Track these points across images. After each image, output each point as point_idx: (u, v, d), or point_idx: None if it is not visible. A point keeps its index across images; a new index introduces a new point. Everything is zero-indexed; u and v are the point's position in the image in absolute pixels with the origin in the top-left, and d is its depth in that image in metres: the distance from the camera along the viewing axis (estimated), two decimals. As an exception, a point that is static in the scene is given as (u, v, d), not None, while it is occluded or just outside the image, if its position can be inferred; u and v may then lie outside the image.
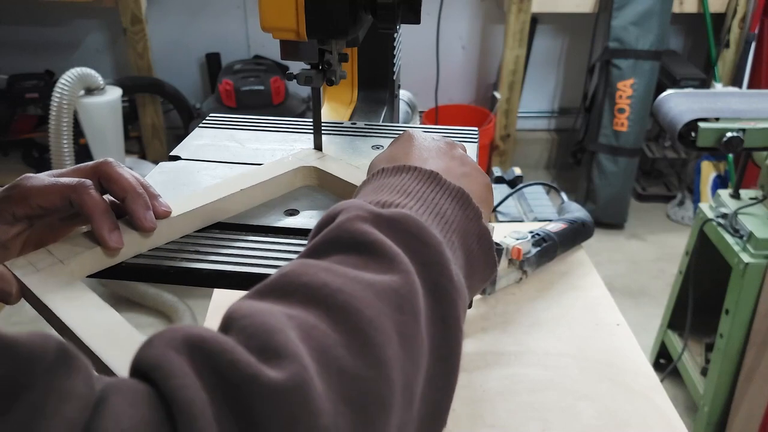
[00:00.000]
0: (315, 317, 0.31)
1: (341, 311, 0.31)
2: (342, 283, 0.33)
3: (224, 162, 0.76)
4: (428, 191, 0.44)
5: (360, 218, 0.38)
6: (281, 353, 0.28)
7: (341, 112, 0.94)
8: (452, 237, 0.42)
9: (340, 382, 0.29)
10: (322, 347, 0.30)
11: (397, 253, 0.36)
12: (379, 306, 0.33)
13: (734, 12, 2.71)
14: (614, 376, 0.85)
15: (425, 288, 0.36)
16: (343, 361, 0.30)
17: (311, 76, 0.66)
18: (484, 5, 3.00)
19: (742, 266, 1.53)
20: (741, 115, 1.46)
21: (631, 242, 2.79)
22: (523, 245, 0.99)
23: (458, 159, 0.51)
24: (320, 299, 0.32)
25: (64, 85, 2.14)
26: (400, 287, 0.34)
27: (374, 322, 0.32)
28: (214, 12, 2.91)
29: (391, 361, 0.31)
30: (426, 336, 0.35)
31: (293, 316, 0.31)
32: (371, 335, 0.31)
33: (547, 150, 3.29)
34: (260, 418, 0.26)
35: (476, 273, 0.45)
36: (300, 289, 0.32)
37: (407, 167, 0.46)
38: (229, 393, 0.26)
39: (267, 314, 0.30)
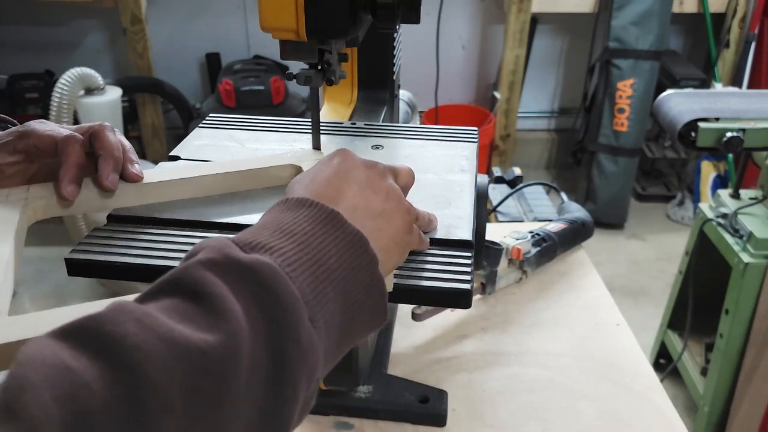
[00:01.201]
0: (96, 374, 0.30)
1: (126, 371, 0.31)
2: (143, 340, 0.32)
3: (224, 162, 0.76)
4: (318, 234, 0.42)
5: (210, 263, 0.37)
6: (18, 416, 0.27)
7: (341, 112, 0.94)
8: (327, 287, 0.40)
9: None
10: (82, 412, 0.29)
11: (228, 310, 0.35)
12: (174, 368, 0.32)
13: (734, 12, 2.71)
14: (614, 376, 0.85)
15: (264, 349, 0.35)
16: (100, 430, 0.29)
17: (311, 76, 0.66)
18: (484, 5, 3.00)
19: (742, 266, 1.53)
20: (741, 115, 1.46)
21: (631, 242, 2.79)
22: (523, 245, 0.99)
23: (382, 193, 0.50)
24: (111, 354, 0.31)
25: (64, 85, 2.14)
26: (212, 350, 0.33)
27: (158, 390, 0.31)
28: (214, 12, 2.92)
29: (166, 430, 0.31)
30: (243, 398, 0.34)
31: (71, 370, 0.30)
32: (147, 405, 0.30)
33: (547, 150, 3.29)
34: None
35: (359, 323, 0.44)
36: (98, 339, 0.31)
37: (308, 202, 0.44)
38: None
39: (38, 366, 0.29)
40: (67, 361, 0.30)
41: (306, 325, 0.38)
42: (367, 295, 0.43)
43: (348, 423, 0.78)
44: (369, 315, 0.44)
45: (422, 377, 0.83)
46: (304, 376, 0.37)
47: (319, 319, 0.39)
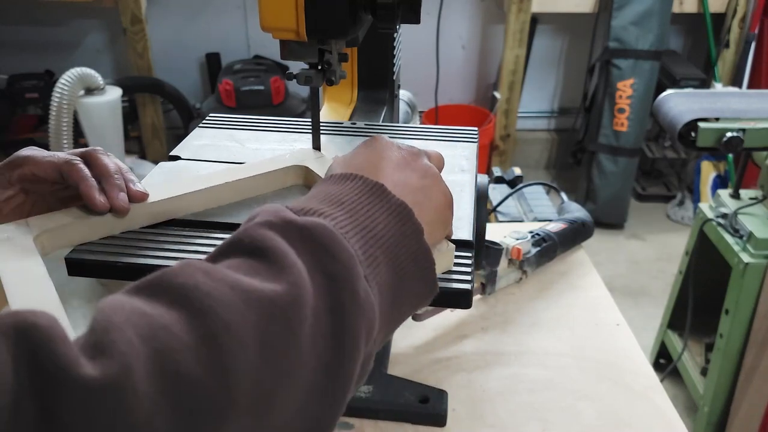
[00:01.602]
0: (173, 318, 0.31)
1: (201, 315, 0.31)
2: (214, 287, 0.33)
3: (224, 162, 0.76)
4: (365, 203, 0.43)
5: (268, 224, 0.38)
6: (107, 351, 0.28)
7: (341, 112, 0.94)
8: (376, 252, 0.41)
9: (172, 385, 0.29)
10: (164, 349, 0.30)
11: (292, 263, 0.36)
12: (245, 312, 0.33)
13: (734, 12, 2.71)
14: (614, 376, 0.85)
15: (324, 302, 0.36)
16: (183, 365, 0.30)
17: (311, 76, 0.66)
18: (484, 5, 3.00)
19: (742, 266, 1.53)
20: (741, 115, 1.46)
21: (631, 242, 2.79)
22: (523, 245, 0.99)
23: (420, 171, 0.51)
24: (185, 301, 0.32)
25: (64, 85, 2.14)
26: (279, 297, 0.34)
27: (232, 329, 0.32)
28: (214, 12, 2.91)
29: (241, 371, 0.31)
30: (309, 349, 0.35)
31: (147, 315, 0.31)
32: (224, 342, 0.31)
33: (547, 150, 3.29)
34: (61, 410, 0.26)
35: (409, 291, 0.44)
36: (170, 290, 0.33)
37: (353, 176, 0.46)
38: (38, 382, 0.26)
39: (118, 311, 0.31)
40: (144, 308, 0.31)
41: (362, 281, 0.39)
42: (414, 263, 0.44)
43: (348, 423, 0.78)
44: (418, 283, 0.45)
45: (422, 377, 0.83)
46: (364, 330, 0.38)
47: (371, 279, 0.40)
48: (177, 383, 0.29)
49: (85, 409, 0.27)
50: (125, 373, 0.28)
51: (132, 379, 0.28)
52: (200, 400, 0.30)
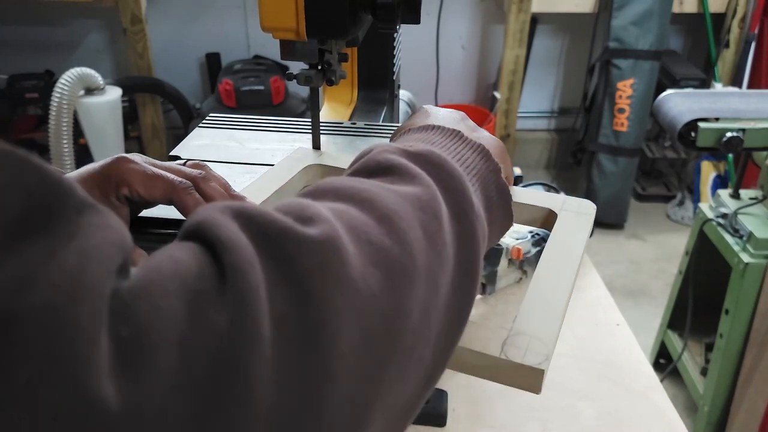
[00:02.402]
0: (346, 207, 0.34)
1: (368, 203, 0.35)
2: (367, 186, 0.36)
3: (224, 162, 0.76)
4: (451, 144, 0.47)
5: (387, 151, 0.42)
6: (314, 218, 0.31)
7: (341, 112, 0.94)
8: (474, 180, 0.45)
9: (370, 250, 0.32)
10: (352, 223, 0.33)
11: (419, 173, 0.39)
12: (402, 203, 0.36)
13: (734, 12, 2.71)
14: (614, 376, 0.85)
15: (450, 209, 0.39)
16: (372, 235, 0.33)
17: (311, 76, 0.66)
18: (484, 5, 3.00)
19: (742, 266, 1.53)
20: (741, 115, 1.46)
21: (631, 242, 2.80)
22: (523, 245, 0.99)
23: (471, 128, 0.54)
24: (348, 196, 0.35)
25: (64, 85, 2.14)
26: (421, 195, 0.37)
27: (399, 212, 0.35)
28: (214, 12, 2.92)
29: (415, 244, 0.34)
30: (450, 244, 0.38)
31: (327, 205, 0.34)
32: (396, 221, 0.34)
33: (547, 150, 3.29)
34: (297, 264, 0.29)
35: (495, 220, 0.47)
36: (330, 192, 0.36)
37: (431, 126, 0.50)
38: (269, 243, 0.29)
39: (299, 198, 0.34)
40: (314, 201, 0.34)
41: (474, 196, 0.42)
42: (498, 195, 0.47)
43: (348, 423, 0.78)
44: (502, 214, 0.48)
45: (422, 377, 0.83)
46: (481, 238, 0.41)
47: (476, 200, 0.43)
48: (373, 250, 0.32)
49: (318, 259, 0.29)
50: (337, 234, 0.31)
51: (342, 240, 0.31)
52: (394, 264, 0.33)
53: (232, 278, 0.26)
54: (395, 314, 0.32)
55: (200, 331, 0.25)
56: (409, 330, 0.33)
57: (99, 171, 0.53)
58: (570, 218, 0.56)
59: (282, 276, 0.28)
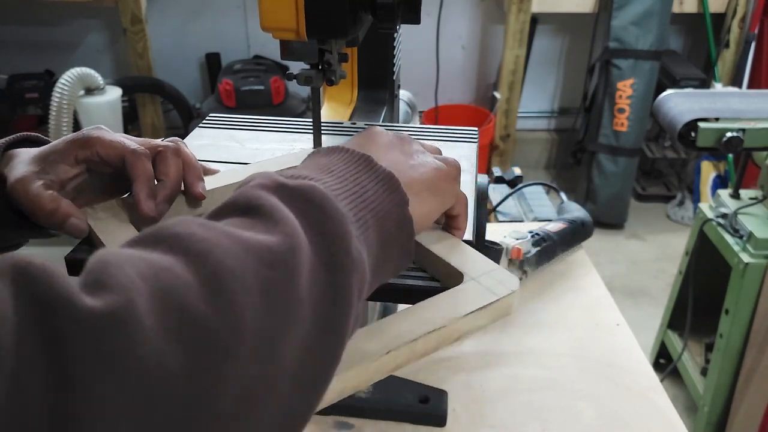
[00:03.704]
0: (172, 261, 0.31)
1: (201, 257, 0.31)
2: (211, 236, 0.33)
3: (224, 162, 0.76)
4: (353, 171, 0.45)
5: (261, 186, 0.39)
6: (107, 286, 0.28)
7: (341, 112, 0.94)
8: (366, 215, 0.42)
9: (179, 321, 0.29)
10: (167, 287, 0.29)
11: (285, 217, 0.36)
12: (244, 258, 0.32)
13: (734, 12, 2.71)
14: (614, 376, 0.85)
15: (319, 257, 0.37)
16: (187, 303, 0.29)
17: (311, 76, 0.66)
18: (484, 5, 3.00)
19: (742, 266, 1.53)
20: (741, 115, 1.46)
21: (631, 242, 2.79)
22: (523, 245, 0.99)
23: (408, 152, 0.52)
24: (183, 247, 0.32)
25: (64, 85, 2.14)
26: (276, 246, 0.34)
27: (234, 272, 0.31)
28: (214, 12, 2.92)
29: (245, 312, 0.31)
30: (307, 301, 0.35)
31: (146, 258, 0.31)
32: (226, 282, 0.31)
33: (547, 150, 3.29)
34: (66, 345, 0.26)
35: (391, 258, 0.45)
36: (168, 239, 0.33)
37: (340, 148, 0.47)
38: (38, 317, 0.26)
39: (114, 255, 0.30)
40: (142, 254, 0.31)
41: (354, 240, 0.39)
42: (399, 232, 0.45)
43: (348, 423, 0.78)
44: (399, 252, 0.46)
45: (422, 377, 0.83)
46: (356, 287, 0.38)
47: (361, 240, 0.41)
48: (183, 319, 0.29)
49: (92, 340, 0.26)
50: (128, 305, 0.27)
51: (136, 312, 0.27)
52: (208, 337, 0.29)
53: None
54: (198, 399, 0.28)
55: None
56: (219, 407, 0.29)
57: (73, 135, 0.58)
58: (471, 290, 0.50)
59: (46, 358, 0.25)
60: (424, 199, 0.49)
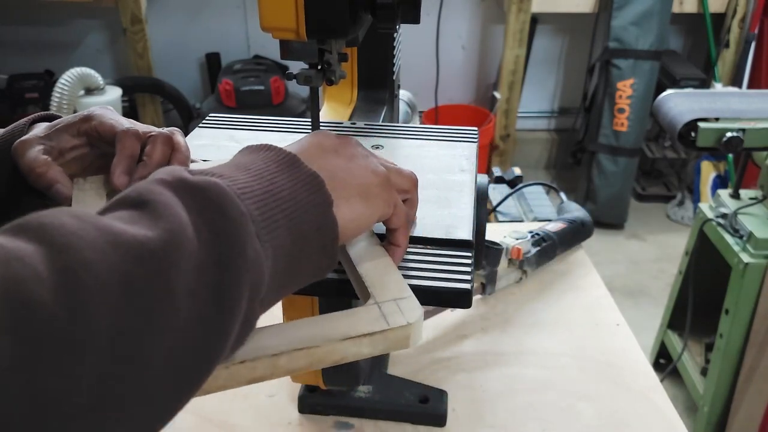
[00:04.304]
0: (31, 251, 0.30)
1: (62, 250, 0.31)
2: (79, 227, 0.32)
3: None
4: (273, 170, 0.44)
5: (160, 181, 0.38)
6: None
7: (341, 112, 0.94)
8: (277, 215, 0.41)
9: (18, 311, 0.28)
10: (14, 276, 0.29)
11: (173, 214, 0.36)
12: (109, 253, 0.32)
13: (734, 12, 2.71)
14: (614, 376, 0.85)
15: (208, 255, 0.36)
16: (34, 294, 0.29)
17: (311, 76, 0.66)
18: (484, 5, 3.00)
19: (742, 266, 1.53)
20: (741, 115, 1.46)
21: (631, 242, 2.80)
22: (522, 245, 0.99)
23: (347, 156, 0.50)
24: (48, 238, 0.31)
25: (64, 85, 2.14)
26: (150, 241, 0.34)
27: (91, 266, 0.31)
28: (214, 12, 2.92)
29: (98, 308, 0.30)
30: (182, 299, 0.34)
31: (6, 246, 0.30)
32: (80, 277, 0.30)
33: (547, 150, 3.29)
34: None
35: (308, 260, 0.44)
36: (36, 228, 0.32)
37: (267, 147, 0.47)
38: None
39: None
40: (4, 241, 0.31)
41: (252, 240, 0.38)
42: (318, 233, 0.44)
43: (348, 423, 0.78)
44: (318, 255, 0.45)
45: (422, 377, 0.83)
46: (247, 288, 0.38)
47: (266, 240, 0.40)
48: (24, 310, 0.28)
49: None
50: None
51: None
52: (49, 330, 0.28)
53: None
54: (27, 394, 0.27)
55: None
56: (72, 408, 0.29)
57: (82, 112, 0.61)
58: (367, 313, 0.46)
59: None
60: (352, 204, 0.48)
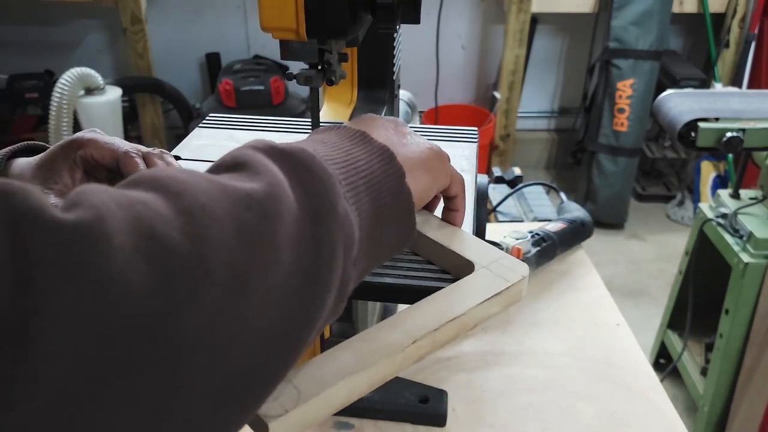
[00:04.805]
0: (150, 197, 0.32)
1: (178, 195, 0.32)
2: (190, 178, 0.34)
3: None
4: (347, 144, 0.46)
5: (252, 147, 0.40)
6: (81, 204, 0.29)
7: (341, 112, 0.94)
8: (357, 181, 0.43)
9: (148, 245, 0.29)
10: (140, 215, 0.30)
11: (269, 170, 0.37)
12: (221, 199, 0.33)
13: (734, 12, 2.71)
14: (614, 376, 0.85)
15: (303, 211, 0.37)
16: (159, 230, 0.30)
17: (311, 76, 0.66)
18: (484, 5, 3.00)
19: (741, 266, 1.53)
20: (741, 115, 1.46)
21: (631, 242, 2.80)
22: (522, 245, 0.99)
23: (402, 133, 0.53)
24: (162, 186, 0.33)
25: (64, 85, 2.14)
26: (255, 191, 0.35)
27: (207, 207, 0.32)
28: (214, 12, 2.92)
29: (215, 242, 0.32)
30: (286, 247, 0.35)
31: (125, 193, 0.32)
32: (198, 216, 0.32)
33: (547, 150, 3.29)
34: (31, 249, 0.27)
35: (389, 227, 0.45)
36: (149, 180, 0.34)
37: (338, 125, 0.49)
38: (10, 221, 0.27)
39: (96, 186, 0.32)
40: (122, 190, 0.32)
41: (341, 200, 0.40)
42: (395, 202, 0.45)
43: (348, 423, 0.78)
44: (398, 223, 0.46)
45: (422, 377, 0.83)
46: (342, 244, 0.39)
47: (351, 202, 0.41)
48: (152, 244, 0.30)
49: (55, 246, 0.27)
50: (98, 222, 0.28)
51: (104, 228, 0.28)
52: (175, 263, 0.30)
53: None
54: (161, 318, 0.29)
55: None
56: (181, 333, 0.30)
57: (68, 139, 0.59)
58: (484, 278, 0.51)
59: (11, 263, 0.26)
60: (418, 177, 0.50)
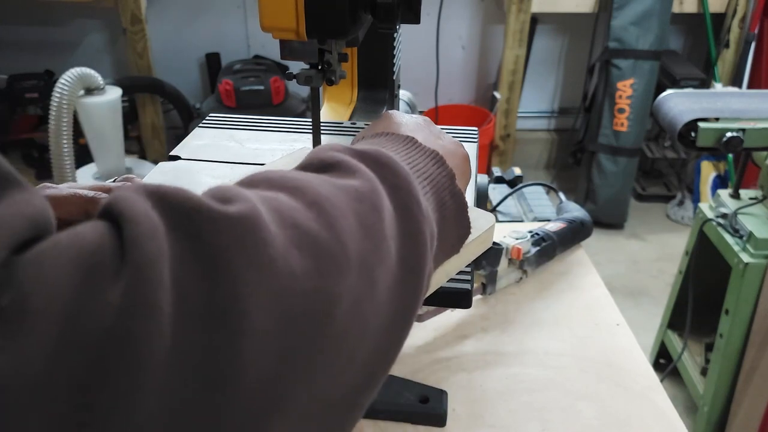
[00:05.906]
0: (275, 195, 0.33)
1: (298, 190, 0.34)
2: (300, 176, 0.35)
3: (224, 162, 0.76)
4: (402, 149, 0.47)
5: (332, 149, 0.41)
6: (233, 198, 0.30)
7: (341, 112, 0.94)
8: (422, 181, 0.44)
9: (294, 233, 0.31)
10: (278, 207, 0.32)
11: (360, 169, 0.38)
12: (335, 192, 0.35)
13: (734, 12, 2.71)
14: (614, 376, 0.85)
15: (396, 206, 0.38)
16: (298, 219, 0.32)
17: (311, 76, 0.66)
18: (484, 5, 3.00)
19: (741, 266, 1.53)
20: (741, 115, 1.46)
21: (631, 242, 2.80)
22: (522, 245, 0.99)
23: (435, 134, 0.54)
24: (279, 185, 0.34)
25: (64, 85, 2.14)
26: (361, 186, 0.36)
27: (330, 200, 0.34)
28: (214, 12, 2.92)
29: (346, 232, 0.33)
30: (392, 237, 0.36)
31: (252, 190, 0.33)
32: (326, 207, 0.33)
33: (546, 150, 3.29)
34: (209, 240, 0.28)
35: (449, 227, 0.46)
36: (262, 181, 0.35)
37: (384, 133, 0.49)
38: (180, 219, 0.28)
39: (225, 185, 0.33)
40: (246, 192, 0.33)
41: (422, 196, 0.41)
42: (453, 199, 0.46)
43: (348, 423, 0.78)
44: (455, 222, 0.47)
45: (422, 377, 0.83)
46: (429, 236, 0.40)
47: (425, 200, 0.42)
48: (299, 232, 0.31)
49: (232, 234, 0.28)
50: (256, 212, 0.30)
51: (262, 219, 0.30)
52: (320, 248, 0.31)
53: (129, 250, 0.26)
54: (319, 298, 0.31)
55: (89, 300, 0.24)
56: (336, 317, 0.31)
57: None
58: None
59: (191, 252, 0.27)
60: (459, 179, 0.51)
